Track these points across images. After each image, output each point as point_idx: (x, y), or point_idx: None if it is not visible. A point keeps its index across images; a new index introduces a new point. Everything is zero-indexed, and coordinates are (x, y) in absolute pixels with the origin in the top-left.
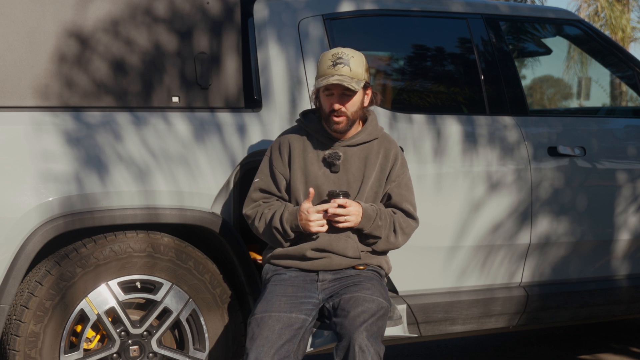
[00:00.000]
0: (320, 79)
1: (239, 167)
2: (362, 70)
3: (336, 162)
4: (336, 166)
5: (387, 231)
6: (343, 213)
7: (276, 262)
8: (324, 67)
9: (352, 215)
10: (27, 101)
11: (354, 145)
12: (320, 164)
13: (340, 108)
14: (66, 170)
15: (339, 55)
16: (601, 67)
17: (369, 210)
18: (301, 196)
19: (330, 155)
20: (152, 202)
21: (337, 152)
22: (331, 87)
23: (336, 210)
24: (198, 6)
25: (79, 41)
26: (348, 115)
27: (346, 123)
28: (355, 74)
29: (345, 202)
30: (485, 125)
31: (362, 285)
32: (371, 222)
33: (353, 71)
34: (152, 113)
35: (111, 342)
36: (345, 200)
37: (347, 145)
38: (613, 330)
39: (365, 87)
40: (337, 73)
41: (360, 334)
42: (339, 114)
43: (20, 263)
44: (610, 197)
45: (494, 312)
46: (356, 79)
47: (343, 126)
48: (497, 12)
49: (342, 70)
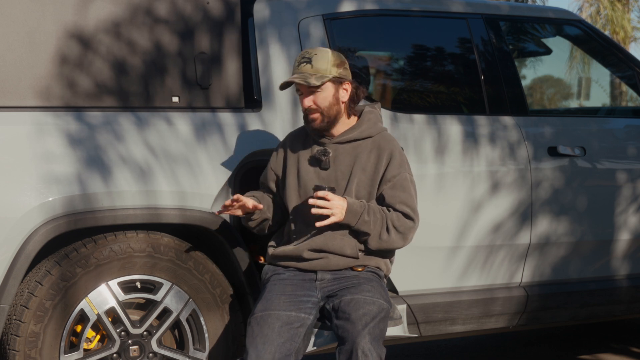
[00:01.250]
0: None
1: (239, 167)
2: (326, 66)
3: (323, 158)
4: (324, 162)
5: (378, 228)
6: (324, 205)
7: (276, 262)
8: (294, 66)
9: (335, 208)
10: (27, 101)
11: (343, 142)
12: (311, 161)
13: (310, 105)
14: (66, 170)
15: (303, 55)
16: (602, 67)
17: (355, 205)
18: (292, 193)
19: (319, 152)
20: (153, 202)
21: (325, 149)
22: (298, 86)
23: (317, 201)
24: (198, 6)
25: (79, 41)
26: (321, 111)
27: (321, 119)
28: (317, 70)
29: (326, 194)
30: (485, 125)
31: (361, 287)
32: (357, 217)
33: (314, 67)
34: (153, 113)
35: (111, 342)
36: (327, 193)
37: (337, 143)
38: (613, 330)
39: (339, 81)
40: (297, 72)
41: (363, 337)
42: (310, 111)
43: (21, 263)
44: (610, 197)
45: (494, 312)
46: (318, 74)
47: (318, 123)
48: (497, 12)
49: (303, 68)
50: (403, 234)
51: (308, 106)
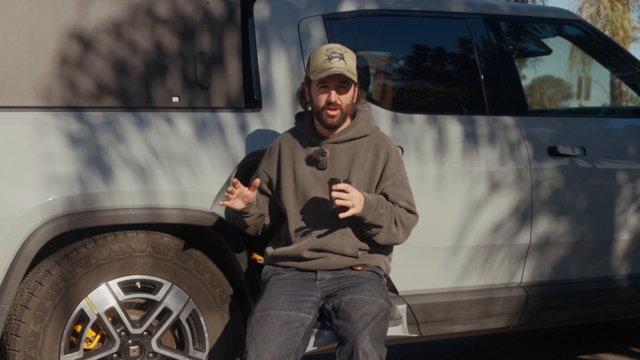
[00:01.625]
0: (317, 72)
1: (239, 167)
2: (353, 65)
3: (320, 158)
4: (321, 162)
5: (388, 221)
6: (346, 198)
7: (275, 263)
8: (318, 61)
9: (355, 200)
10: (27, 101)
11: (340, 142)
12: (308, 162)
13: (336, 100)
14: (67, 170)
15: (333, 50)
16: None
17: (370, 198)
18: (289, 195)
19: (316, 152)
20: (153, 202)
21: (322, 149)
22: (327, 79)
23: (339, 194)
24: (198, 6)
25: (80, 41)
26: (342, 108)
27: (340, 116)
28: (350, 68)
29: (347, 187)
30: (485, 125)
31: (361, 286)
32: (373, 210)
33: (347, 65)
34: (153, 113)
35: (111, 342)
36: (347, 185)
37: (334, 142)
38: (613, 330)
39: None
40: (334, 65)
41: (363, 338)
42: (335, 106)
43: (21, 263)
44: (610, 197)
45: (494, 312)
46: (350, 72)
47: (337, 120)
48: (497, 12)
49: (337, 63)
50: (407, 229)
51: (334, 100)
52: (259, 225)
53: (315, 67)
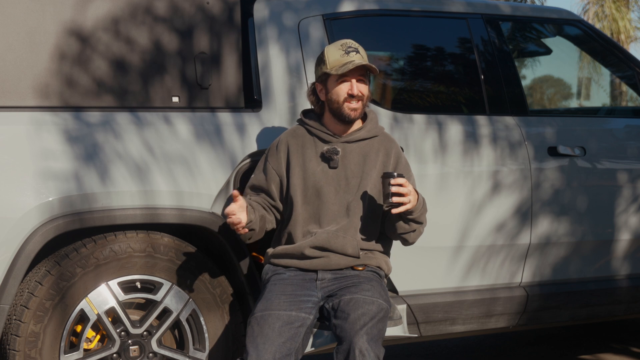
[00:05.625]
0: (338, 66)
1: (239, 167)
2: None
3: (334, 156)
4: (334, 161)
5: (425, 219)
6: (404, 192)
7: (276, 262)
8: (336, 56)
9: (411, 194)
10: (27, 101)
11: (352, 141)
12: (318, 160)
13: (359, 92)
14: (66, 170)
15: (349, 45)
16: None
17: (419, 194)
18: (297, 193)
19: (329, 151)
20: (152, 202)
21: (335, 147)
22: (348, 72)
23: (399, 189)
24: (198, 6)
25: (79, 41)
26: (364, 101)
27: (361, 110)
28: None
29: (405, 181)
30: (485, 126)
31: (361, 286)
32: (421, 205)
33: (364, 58)
34: (152, 113)
35: (111, 342)
36: (404, 180)
37: (345, 142)
38: (613, 330)
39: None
40: (354, 59)
41: (360, 337)
42: (358, 98)
43: (20, 263)
44: (610, 197)
45: (494, 312)
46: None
47: (359, 112)
48: (497, 12)
49: (356, 56)
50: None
51: (357, 93)
52: (263, 230)
53: (334, 62)
